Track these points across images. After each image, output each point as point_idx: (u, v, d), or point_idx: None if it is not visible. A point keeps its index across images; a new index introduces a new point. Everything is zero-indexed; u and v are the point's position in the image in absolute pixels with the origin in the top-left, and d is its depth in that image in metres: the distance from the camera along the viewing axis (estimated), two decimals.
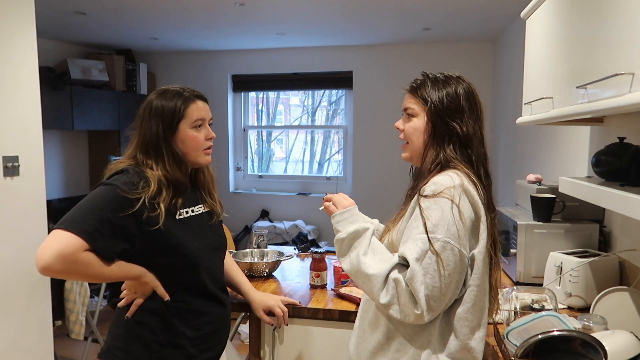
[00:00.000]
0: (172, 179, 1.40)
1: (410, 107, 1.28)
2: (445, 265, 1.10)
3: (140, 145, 1.42)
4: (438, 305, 1.11)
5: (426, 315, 1.10)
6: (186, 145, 1.43)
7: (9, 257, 2.36)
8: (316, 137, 5.47)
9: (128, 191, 1.30)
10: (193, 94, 1.46)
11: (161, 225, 1.34)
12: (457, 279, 1.12)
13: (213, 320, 1.51)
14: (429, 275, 1.09)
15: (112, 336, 1.46)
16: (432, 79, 1.26)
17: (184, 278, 1.44)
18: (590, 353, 1.18)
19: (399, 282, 1.12)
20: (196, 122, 1.43)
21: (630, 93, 0.98)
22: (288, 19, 3.82)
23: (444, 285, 1.10)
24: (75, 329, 2.84)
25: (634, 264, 1.74)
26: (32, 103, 2.47)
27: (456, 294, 1.15)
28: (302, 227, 4.98)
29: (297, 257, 2.52)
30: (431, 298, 1.09)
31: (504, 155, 4.14)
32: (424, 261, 1.10)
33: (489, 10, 3.46)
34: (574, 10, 1.41)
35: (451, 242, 1.10)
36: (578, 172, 2.28)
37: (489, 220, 1.19)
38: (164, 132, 1.40)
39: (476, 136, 1.23)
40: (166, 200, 1.37)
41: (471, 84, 1.28)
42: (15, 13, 2.37)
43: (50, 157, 4.54)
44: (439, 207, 1.12)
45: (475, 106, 1.25)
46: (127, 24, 3.97)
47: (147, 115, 1.42)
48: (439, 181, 1.15)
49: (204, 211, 1.53)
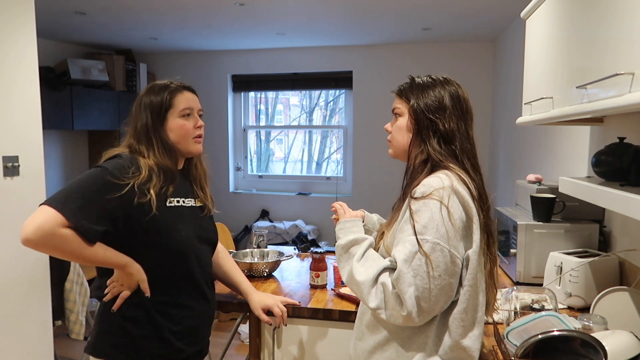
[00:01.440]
0: (162, 165, 1.44)
1: (396, 107, 1.33)
2: (435, 266, 1.09)
3: (133, 135, 1.48)
4: (430, 307, 1.11)
5: (416, 316, 1.10)
6: (175, 133, 1.47)
7: (9, 257, 2.36)
8: (314, 137, 5.47)
9: (118, 175, 1.35)
10: (180, 85, 1.52)
11: (155, 210, 1.38)
12: (450, 281, 1.12)
13: (194, 314, 1.51)
14: (419, 277, 1.09)
15: (98, 330, 1.47)
16: (417, 81, 1.30)
17: (173, 267, 1.45)
18: (590, 353, 1.18)
19: (386, 285, 1.13)
20: (184, 111, 1.48)
21: (630, 93, 0.98)
22: (288, 19, 3.82)
23: (434, 287, 1.10)
24: (75, 329, 2.84)
25: (634, 264, 1.74)
26: (32, 103, 2.47)
27: (451, 296, 1.14)
28: (302, 227, 4.98)
29: (297, 257, 2.52)
30: (422, 299, 1.10)
31: (504, 155, 4.14)
32: (413, 262, 1.10)
33: (489, 10, 3.46)
34: (574, 10, 1.41)
35: (441, 243, 1.10)
36: (578, 172, 2.28)
37: (482, 219, 1.19)
38: (154, 122, 1.46)
39: (460, 132, 1.24)
40: (156, 187, 1.40)
41: (459, 86, 1.30)
42: (15, 13, 2.37)
43: (50, 157, 4.54)
44: (428, 208, 1.13)
45: (460, 104, 1.26)
46: (127, 24, 3.97)
47: (138, 109, 1.48)
48: (428, 183, 1.16)
49: (195, 205, 1.56)
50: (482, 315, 1.21)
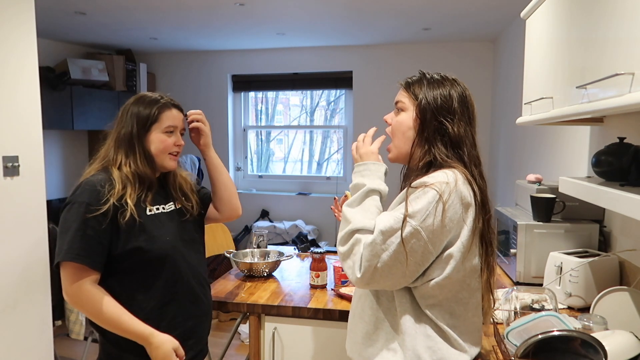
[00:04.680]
0: (141, 174, 1.48)
1: (400, 100, 1.28)
2: (408, 250, 1.09)
3: (114, 140, 1.52)
4: (381, 281, 1.12)
5: (364, 284, 1.13)
6: (155, 146, 1.51)
7: (9, 257, 2.36)
8: (315, 136, 5.47)
9: (94, 202, 1.38)
10: (170, 101, 1.54)
11: (138, 220, 1.42)
12: (413, 269, 1.11)
13: (190, 316, 1.52)
14: (388, 253, 1.10)
15: (101, 340, 1.49)
16: (428, 77, 1.26)
17: (161, 272, 1.46)
18: (590, 353, 1.18)
19: (358, 242, 1.14)
20: (168, 128, 1.52)
21: (630, 93, 0.98)
22: (288, 19, 3.82)
23: (395, 266, 1.10)
24: (75, 329, 2.84)
25: (634, 264, 1.74)
26: (32, 103, 2.47)
27: (403, 282, 1.13)
28: (302, 227, 4.97)
29: (297, 257, 2.52)
30: (379, 273, 1.10)
31: (504, 155, 4.14)
32: (389, 237, 1.10)
33: (489, 11, 3.46)
34: (574, 10, 1.41)
35: (422, 232, 1.09)
36: (578, 172, 2.28)
37: (478, 224, 1.16)
38: (138, 131, 1.49)
39: (468, 138, 1.22)
40: (133, 197, 1.44)
41: (466, 88, 1.26)
42: (15, 13, 2.37)
43: (50, 157, 4.54)
44: (425, 197, 1.11)
45: (467, 110, 1.23)
46: (127, 24, 3.97)
47: (125, 116, 1.52)
48: (434, 175, 1.15)
49: (174, 209, 1.58)
50: (475, 313, 1.20)
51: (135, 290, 1.43)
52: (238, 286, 2.05)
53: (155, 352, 1.40)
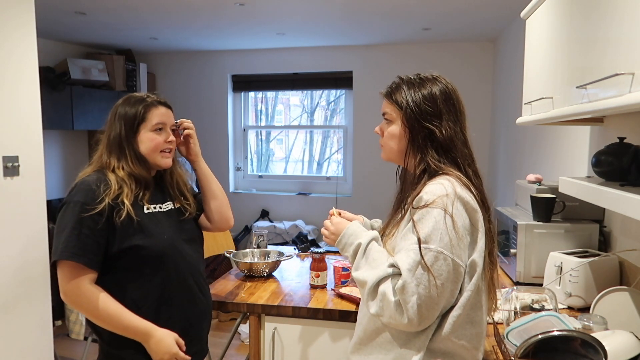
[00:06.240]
0: (136, 174, 1.48)
1: (387, 111, 1.29)
2: (438, 275, 1.09)
3: (106, 145, 1.51)
4: (431, 314, 1.11)
5: (417, 323, 1.10)
6: (145, 146, 1.50)
7: (8, 257, 2.36)
8: (315, 137, 5.47)
9: (90, 201, 1.38)
10: (156, 100, 1.54)
11: (135, 219, 1.42)
12: (451, 288, 1.12)
13: (189, 315, 1.52)
14: (422, 286, 1.09)
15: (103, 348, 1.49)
16: (407, 82, 1.26)
17: (159, 270, 1.46)
18: (590, 353, 1.18)
19: (386, 295, 1.12)
20: (156, 126, 1.51)
21: (630, 93, 0.98)
22: (288, 19, 3.82)
23: (437, 295, 1.09)
24: (75, 329, 2.84)
25: (634, 264, 1.74)
26: (32, 103, 2.47)
27: (451, 302, 1.14)
28: (302, 227, 4.97)
29: (297, 257, 2.52)
30: (424, 307, 1.09)
31: (504, 155, 4.14)
32: (416, 272, 1.09)
33: (489, 10, 3.46)
34: (574, 10, 1.41)
35: (444, 252, 1.10)
36: (578, 172, 2.28)
37: (486, 224, 1.18)
38: (127, 133, 1.49)
39: (458, 137, 1.22)
40: (130, 197, 1.44)
41: (449, 83, 1.26)
42: (15, 13, 2.37)
43: (50, 157, 4.54)
44: (431, 217, 1.11)
45: (454, 107, 1.23)
46: (127, 24, 3.97)
47: (113, 118, 1.52)
48: (430, 190, 1.14)
49: (172, 208, 1.58)
50: (482, 315, 1.21)
51: (132, 288, 1.43)
52: (238, 286, 2.05)
53: (157, 347, 1.40)
